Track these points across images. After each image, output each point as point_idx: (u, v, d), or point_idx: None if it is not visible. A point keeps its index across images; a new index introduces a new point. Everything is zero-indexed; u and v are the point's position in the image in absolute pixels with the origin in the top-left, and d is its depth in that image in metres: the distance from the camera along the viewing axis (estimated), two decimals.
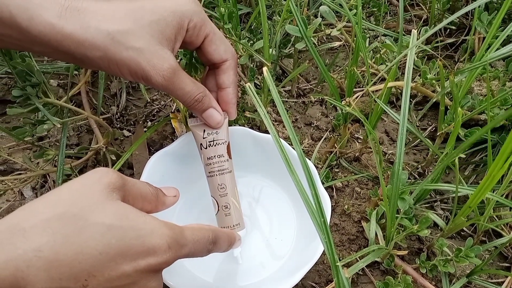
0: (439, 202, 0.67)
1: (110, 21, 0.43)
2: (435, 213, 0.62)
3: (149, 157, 0.59)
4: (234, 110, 0.55)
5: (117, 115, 0.77)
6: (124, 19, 0.44)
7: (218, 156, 0.54)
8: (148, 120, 0.77)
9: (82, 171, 0.68)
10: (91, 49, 0.43)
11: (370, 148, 0.72)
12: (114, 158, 0.67)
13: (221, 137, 0.54)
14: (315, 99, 0.81)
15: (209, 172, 0.55)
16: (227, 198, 0.55)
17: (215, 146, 0.54)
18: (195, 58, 0.59)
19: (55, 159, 0.64)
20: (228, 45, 0.52)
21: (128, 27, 0.43)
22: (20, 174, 0.67)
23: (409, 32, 0.79)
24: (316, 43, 0.68)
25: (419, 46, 0.70)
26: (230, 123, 0.68)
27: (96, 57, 0.43)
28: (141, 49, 0.44)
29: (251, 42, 0.68)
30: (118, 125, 0.76)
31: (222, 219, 0.55)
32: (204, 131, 0.54)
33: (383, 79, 0.72)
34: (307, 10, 0.77)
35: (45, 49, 0.43)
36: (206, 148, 0.54)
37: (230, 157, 0.55)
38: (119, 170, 0.68)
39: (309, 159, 0.67)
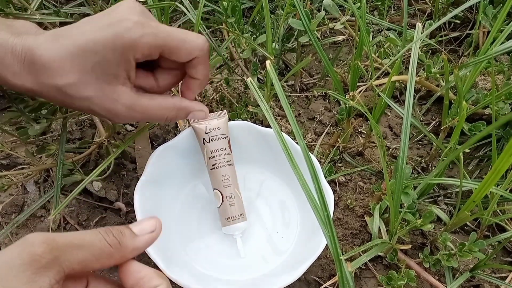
0: (442, 197, 0.67)
1: (59, 76, 0.42)
2: (438, 207, 0.62)
3: (152, 151, 0.59)
4: (194, 96, 0.52)
5: None
6: (70, 70, 0.42)
7: (221, 149, 0.57)
8: None
9: (84, 165, 0.68)
10: (52, 100, 0.47)
11: (374, 142, 0.72)
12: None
13: (222, 132, 0.57)
14: (318, 93, 0.81)
15: (213, 165, 0.57)
16: (231, 188, 0.57)
17: (218, 140, 0.57)
18: None
19: (57, 153, 0.65)
20: (193, 41, 0.46)
21: (75, 78, 0.42)
22: (23, 168, 0.67)
23: (413, 26, 0.78)
24: (320, 37, 0.68)
25: (423, 40, 0.69)
26: (233, 118, 0.68)
27: (59, 104, 0.47)
28: (91, 98, 0.44)
29: (254, 36, 0.68)
30: None
31: (227, 209, 0.57)
32: (206, 127, 0.57)
33: (387, 73, 0.72)
34: (311, 4, 0.77)
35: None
36: (209, 142, 0.57)
37: (231, 151, 0.58)
38: (119, 161, 0.68)
39: (312, 154, 0.67)
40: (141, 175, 0.57)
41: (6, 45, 0.42)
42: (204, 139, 0.57)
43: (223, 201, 0.57)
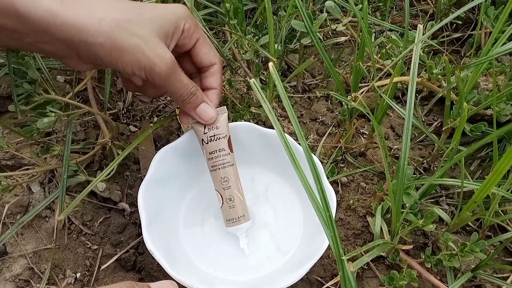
0: (444, 197, 0.67)
1: (115, 11, 0.44)
2: (440, 208, 0.62)
3: (156, 152, 0.59)
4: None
5: (123, 111, 0.77)
6: (127, 10, 0.45)
7: (220, 150, 0.55)
8: (154, 116, 0.77)
9: (88, 166, 0.69)
10: (93, 35, 0.42)
11: (376, 143, 0.72)
12: (120, 152, 0.67)
13: (221, 131, 0.55)
14: (321, 94, 0.81)
15: (212, 166, 0.56)
16: (231, 190, 0.56)
17: (216, 140, 0.55)
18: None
19: (62, 154, 0.65)
20: (215, 50, 0.55)
21: (132, 17, 0.45)
22: (28, 169, 0.68)
23: (415, 27, 0.78)
24: (322, 38, 0.68)
25: (425, 41, 0.70)
26: (236, 119, 0.68)
27: (98, 43, 0.43)
28: (145, 38, 0.45)
29: (257, 37, 0.68)
30: (125, 121, 0.76)
31: (227, 211, 0.56)
32: (205, 126, 0.55)
33: (388, 74, 0.72)
34: (313, 5, 0.77)
35: (41, 37, 0.43)
36: (207, 143, 0.55)
37: (231, 151, 0.56)
38: (122, 162, 0.69)
39: (315, 154, 0.68)
40: (145, 175, 0.57)
41: None
42: (203, 139, 0.56)
43: (223, 203, 0.56)
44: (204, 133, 0.55)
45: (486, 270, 0.60)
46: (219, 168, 0.56)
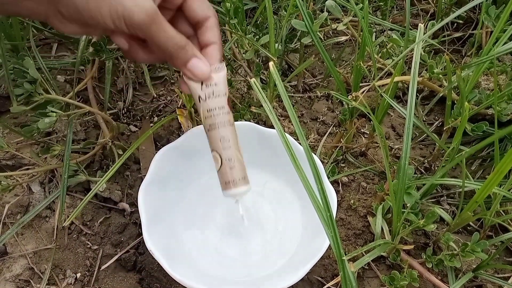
0: (445, 197, 0.67)
1: None
2: (441, 207, 0.62)
3: (156, 152, 0.59)
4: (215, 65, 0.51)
5: (123, 111, 0.77)
6: None
7: (219, 108, 0.49)
8: (154, 116, 0.77)
9: (89, 166, 0.69)
10: None
11: (377, 143, 0.72)
12: (120, 152, 0.67)
13: (220, 88, 0.49)
14: (321, 94, 0.81)
15: (210, 125, 0.50)
16: (232, 151, 0.50)
17: (215, 97, 0.49)
18: None
19: (62, 154, 0.65)
20: (209, 4, 0.50)
21: None
22: (28, 169, 0.68)
23: (415, 26, 0.78)
24: (322, 38, 0.68)
25: (426, 41, 0.70)
26: (236, 118, 0.68)
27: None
28: None
29: (257, 37, 0.68)
30: (125, 120, 0.76)
31: (226, 172, 0.50)
32: (202, 83, 0.49)
33: (389, 74, 0.72)
34: (313, 4, 0.77)
35: None
36: (205, 100, 0.49)
37: (231, 110, 0.51)
38: (125, 164, 0.69)
39: (315, 154, 0.67)
40: (145, 175, 0.57)
41: None
42: (200, 96, 0.49)
43: (222, 164, 0.50)
44: (201, 90, 0.49)
45: (487, 270, 0.60)
46: (218, 127, 0.49)
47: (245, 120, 0.67)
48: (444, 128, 0.63)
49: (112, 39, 0.48)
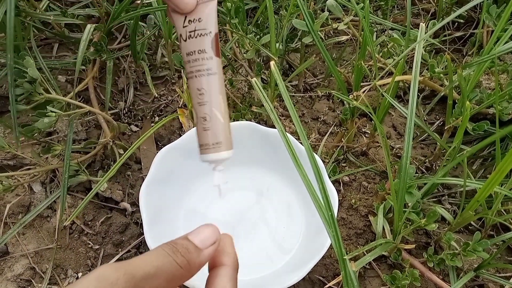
0: (446, 196, 0.67)
1: None
2: (442, 207, 0.62)
3: (157, 152, 0.59)
4: None
5: (124, 110, 0.77)
6: None
7: (199, 52, 0.40)
8: (155, 115, 0.77)
9: (90, 165, 0.69)
10: None
11: (378, 142, 0.72)
12: (121, 152, 0.67)
13: (204, 26, 0.40)
14: (322, 93, 0.81)
15: (188, 73, 0.41)
16: (207, 107, 0.40)
17: (195, 37, 0.40)
18: None
19: (63, 154, 0.65)
20: None
21: None
22: (29, 169, 0.68)
23: (416, 26, 0.78)
24: (323, 37, 0.68)
25: (427, 40, 0.70)
26: (237, 118, 0.68)
27: None
28: None
29: (258, 36, 0.68)
30: (126, 120, 0.76)
31: (201, 134, 0.41)
32: (186, 17, 0.40)
33: (390, 73, 0.72)
34: (314, 4, 0.77)
35: None
36: (185, 40, 0.40)
37: (217, 55, 0.40)
38: (124, 162, 0.69)
39: (316, 154, 0.67)
40: (146, 175, 0.57)
41: None
42: (181, 35, 0.40)
43: (197, 122, 0.41)
44: (184, 27, 0.40)
45: (489, 269, 0.60)
46: (195, 76, 0.40)
47: (246, 120, 0.67)
48: (445, 128, 0.63)
49: None
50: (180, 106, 0.77)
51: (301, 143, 0.58)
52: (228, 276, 0.35)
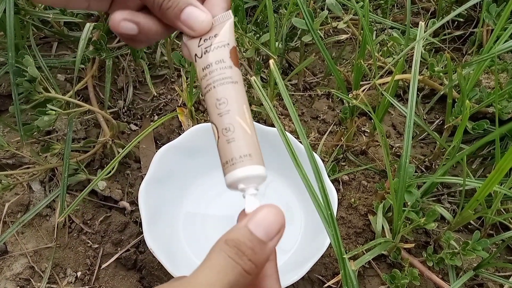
0: (446, 195, 0.67)
1: None
2: (442, 206, 0.62)
3: (156, 151, 0.59)
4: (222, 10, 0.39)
5: (124, 109, 0.77)
6: None
7: (217, 62, 0.36)
8: (155, 114, 0.77)
9: (89, 164, 0.69)
10: None
11: (377, 141, 0.72)
12: (121, 151, 0.67)
13: (221, 39, 0.37)
14: (322, 92, 0.81)
15: (205, 88, 0.37)
16: (230, 117, 0.35)
17: (213, 51, 0.37)
18: None
19: (62, 153, 0.65)
20: None
21: None
22: (28, 168, 0.68)
23: (416, 25, 0.78)
24: (323, 36, 0.68)
25: (426, 39, 0.69)
26: None
27: None
28: None
29: (257, 35, 0.68)
30: (125, 119, 0.76)
31: (224, 148, 0.35)
32: (201, 38, 0.38)
33: (390, 72, 0.72)
34: (314, 3, 0.77)
35: None
36: (201, 56, 0.37)
37: (236, 65, 0.37)
38: (123, 161, 0.69)
39: (316, 153, 0.67)
40: (145, 174, 0.57)
41: None
42: (196, 54, 0.37)
43: (218, 137, 0.35)
44: (199, 46, 0.38)
45: (488, 268, 0.60)
46: (214, 87, 0.36)
47: None
48: (445, 127, 0.63)
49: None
50: (179, 105, 0.77)
51: (300, 142, 0.58)
52: (275, 277, 0.32)
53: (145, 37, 0.37)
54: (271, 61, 0.49)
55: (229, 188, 0.34)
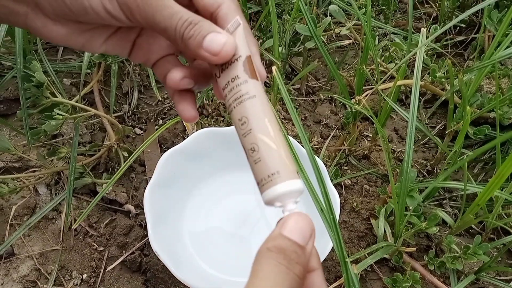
0: (447, 200, 0.67)
1: None
2: (443, 210, 0.62)
3: (161, 155, 0.60)
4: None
5: (129, 113, 0.78)
6: None
7: (232, 80, 0.35)
8: (159, 118, 0.78)
9: (94, 168, 0.70)
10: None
11: (379, 146, 0.73)
12: (126, 155, 0.68)
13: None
14: (325, 97, 0.81)
15: (228, 108, 0.36)
16: (252, 136, 0.34)
17: (227, 68, 0.36)
18: None
19: (68, 156, 0.66)
20: None
21: None
22: (34, 171, 0.68)
23: (418, 30, 0.79)
24: (326, 42, 0.69)
25: (428, 44, 0.70)
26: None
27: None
28: None
29: (261, 40, 0.68)
30: (130, 123, 0.77)
31: (253, 169, 0.35)
32: None
33: (392, 77, 0.73)
34: (317, 9, 0.78)
35: None
36: (219, 76, 0.36)
37: (252, 77, 0.35)
38: (130, 166, 0.69)
39: (318, 157, 0.68)
40: (150, 178, 0.58)
41: None
42: (215, 74, 0.36)
43: (247, 157, 0.35)
44: (216, 65, 0.36)
45: (489, 272, 0.60)
46: (234, 107, 0.34)
47: None
48: (447, 132, 0.63)
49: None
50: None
51: (303, 146, 0.58)
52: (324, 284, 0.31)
53: (197, 87, 0.38)
54: (273, 68, 0.49)
55: (266, 203, 0.35)
